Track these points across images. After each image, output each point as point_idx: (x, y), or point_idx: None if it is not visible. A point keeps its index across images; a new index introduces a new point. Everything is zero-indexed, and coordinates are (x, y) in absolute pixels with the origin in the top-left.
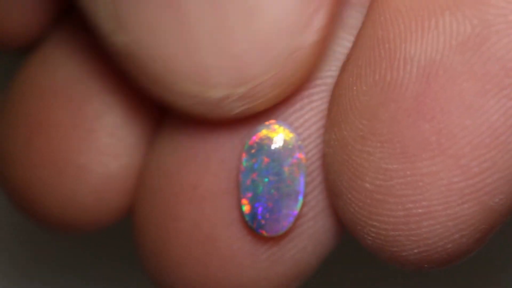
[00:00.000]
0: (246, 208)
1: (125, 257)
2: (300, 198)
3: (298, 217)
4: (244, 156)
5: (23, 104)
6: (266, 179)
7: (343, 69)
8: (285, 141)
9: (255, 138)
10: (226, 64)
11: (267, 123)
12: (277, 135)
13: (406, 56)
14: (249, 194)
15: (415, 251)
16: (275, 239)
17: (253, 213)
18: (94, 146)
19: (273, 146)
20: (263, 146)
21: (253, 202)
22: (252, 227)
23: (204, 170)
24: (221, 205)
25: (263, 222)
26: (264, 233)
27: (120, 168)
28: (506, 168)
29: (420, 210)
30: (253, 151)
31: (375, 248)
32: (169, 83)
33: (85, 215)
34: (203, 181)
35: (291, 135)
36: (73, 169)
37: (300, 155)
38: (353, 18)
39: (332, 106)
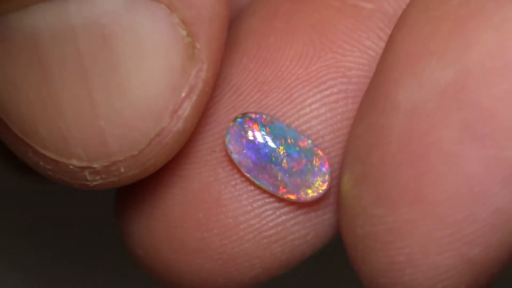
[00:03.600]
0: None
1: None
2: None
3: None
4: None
5: None
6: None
7: (358, 110)
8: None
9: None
10: (85, 137)
11: None
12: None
13: (395, 100)
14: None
15: None
16: (282, 222)
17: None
18: None
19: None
20: None
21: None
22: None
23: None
24: (237, 173)
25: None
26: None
27: None
28: (483, 219)
29: (401, 258)
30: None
31: None
32: (27, 145)
33: None
34: (222, 147)
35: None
36: None
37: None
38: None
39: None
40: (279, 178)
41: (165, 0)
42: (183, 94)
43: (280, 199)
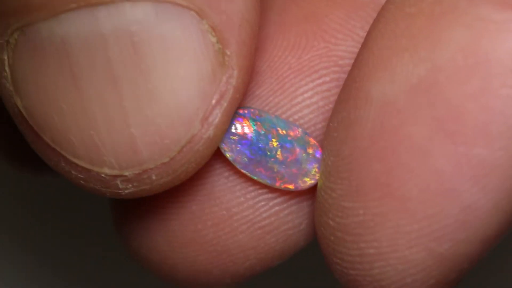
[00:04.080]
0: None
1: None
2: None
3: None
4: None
5: None
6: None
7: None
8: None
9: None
10: (116, 145)
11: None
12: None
13: (367, 95)
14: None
15: None
16: (275, 212)
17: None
18: None
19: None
20: None
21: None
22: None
23: None
24: (230, 165)
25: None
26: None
27: None
28: (453, 216)
29: (371, 251)
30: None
31: (342, 283)
32: (59, 154)
33: None
34: None
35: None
36: None
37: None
38: None
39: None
40: (275, 170)
41: (195, 7)
42: (214, 101)
43: (273, 190)
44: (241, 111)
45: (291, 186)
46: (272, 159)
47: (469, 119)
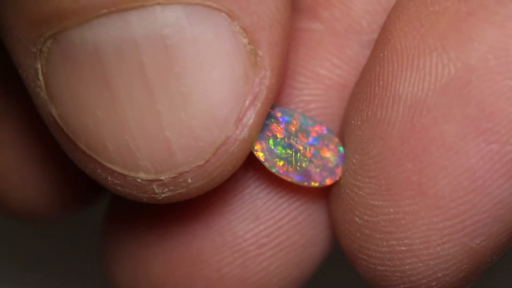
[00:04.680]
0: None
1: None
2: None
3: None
4: None
5: None
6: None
7: (349, 101)
8: None
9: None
10: (151, 149)
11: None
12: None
13: (395, 94)
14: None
15: (402, 286)
16: (264, 267)
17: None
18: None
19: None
20: None
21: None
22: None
23: None
24: (213, 227)
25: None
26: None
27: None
28: (485, 211)
29: (403, 248)
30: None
31: (367, 279)
32: (95, 161)
33: (51, 200)
34: (196, 201)
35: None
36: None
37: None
38: (352, 50)
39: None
40: (304, 167)
41: (226, 9)
42: (247, 102)
43: (260, 245)
44: (270, 111)
45: (315, 184)
46: (301, 157)
47: (502, 117)
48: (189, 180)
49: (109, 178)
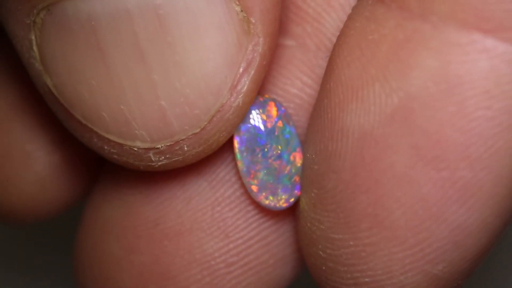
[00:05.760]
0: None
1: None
2: None
3: None
4: None
5: None
6: None
7: (306, 132)
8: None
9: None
10: (147, 118)
11: None
12: None
13: (343, 127)
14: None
15: None
16: (233, 286)
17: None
18: (41, 134)
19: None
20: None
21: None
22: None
23: (168, 207)
24: (182, 244)
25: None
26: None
27: (66, 158)
28: (443, 238)
29: (366, 279)
30: None
31: None
32: (91, 130)
33: (27, 203)
34: (166, 218)
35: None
36: (18, 155)
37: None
38: (322, 69)
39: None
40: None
41: None
42: (241, 69)
43: (229, 264)
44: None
45: (266, 202)
46: (265, 161)
47: (449, 144)
48: (185, 148)
49: (106, 147)
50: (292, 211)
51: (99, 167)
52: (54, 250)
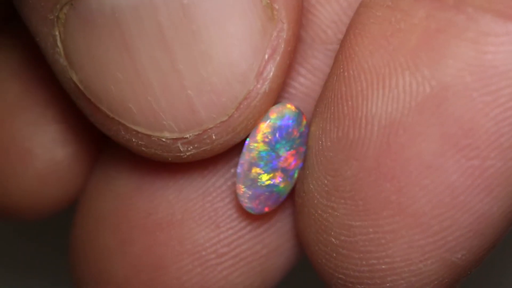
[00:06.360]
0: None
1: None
2: None
3: None
4: None
5: None
6: None
7: (312, 120)
8: None
9: None
10: (174, 108)
11: None
12: None
13: (368, 114)
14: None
15: None
16: (224, 276)
17: None
18: (41, 131)
19: None
20: None
21: None
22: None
23: (160, 197)
24: (174, 235)
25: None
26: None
27: (67, 155)
28: (467, 226)
29: (383, 266)
30: None
31: None
32: (119, 123)
33: (28, 200)
34: (158, 209)
35: None
36: (18, 152)
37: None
38: (317, 59)
39: (305, 156)
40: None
41: None
42: (267, 56)
43: (220, 254)
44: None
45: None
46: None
47: (481, 133)
48: (214, 137)
49: (134, 140)
50: (285, 201)
51: None
52: (54, 250)
